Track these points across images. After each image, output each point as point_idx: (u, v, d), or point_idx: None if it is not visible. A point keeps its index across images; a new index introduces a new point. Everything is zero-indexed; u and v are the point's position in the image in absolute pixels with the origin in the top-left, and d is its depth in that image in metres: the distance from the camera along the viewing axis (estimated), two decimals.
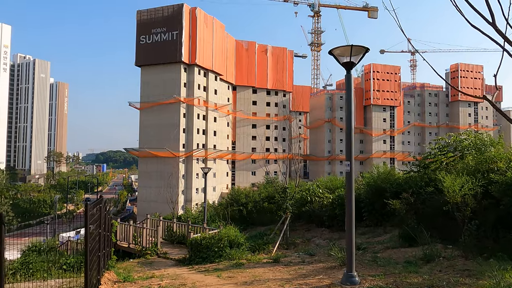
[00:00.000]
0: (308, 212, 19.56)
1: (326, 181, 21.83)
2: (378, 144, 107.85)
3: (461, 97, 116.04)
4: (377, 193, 16.04)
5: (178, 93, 73.05)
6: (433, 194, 13.84)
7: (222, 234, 15.51)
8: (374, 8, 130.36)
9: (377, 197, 16.01)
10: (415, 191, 14.29)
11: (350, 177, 7.11)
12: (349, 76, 7.02)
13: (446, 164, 15.75)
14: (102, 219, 8.67)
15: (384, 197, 15.82)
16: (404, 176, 16.59)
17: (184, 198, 72.77)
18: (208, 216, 23.54)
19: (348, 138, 7.16)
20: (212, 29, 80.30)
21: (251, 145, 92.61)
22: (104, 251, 10.25)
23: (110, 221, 14.33)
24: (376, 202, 16.04)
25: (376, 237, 14.07)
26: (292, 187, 15.91)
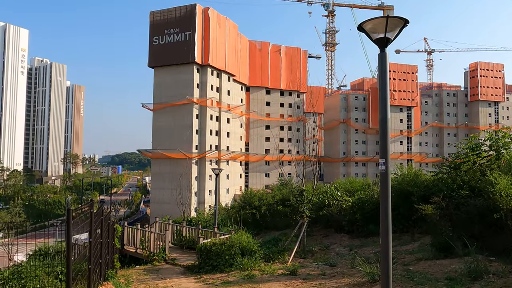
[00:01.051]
0: (326, 217, 18.26)
1: (345, 183, 20.49)
2: (395, 145, 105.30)
3: (481, 97, 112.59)
4: (402, 197, 14.66)
5: (191, 94, 72.38)
6: (468, 198, 12.45)
7: (233, 240, 14.36)
8: (389, 7, 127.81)
9: (403, 201, 14.64)
10: (446, 194, 12.90)
11: (385, 177, 5.86)
12: (384, 56, 5.78)
13: (480, 165, 14.30)
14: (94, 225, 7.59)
15: (411, 201, 14.44)
16: (432, 178, 15.16)
17: (197, 200, 71.98)
18: (220, 219, 22.44)
19: (383, 132, 5.91)
20: (225, 29, 79.50)
21: (264, 146, 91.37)
22: (101, 261, 9.22)
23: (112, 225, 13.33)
24: (402, 206, 14.66)
25: (403, 245, 12.71)
26: (309, 189, 14.66)
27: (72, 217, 6.03)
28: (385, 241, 5.84)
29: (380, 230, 6.01)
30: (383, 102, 5.87)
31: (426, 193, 13.99)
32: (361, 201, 16.91)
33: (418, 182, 14.92)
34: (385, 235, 5.84)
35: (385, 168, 5.83)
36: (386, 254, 5.82)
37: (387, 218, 5.82)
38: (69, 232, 5.56)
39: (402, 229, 14.88)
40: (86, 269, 7.10)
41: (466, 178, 13.46)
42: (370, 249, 12.99)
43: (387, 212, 5.84)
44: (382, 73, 5.87)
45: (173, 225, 20.76)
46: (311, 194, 14.05)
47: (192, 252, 18.34)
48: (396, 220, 15.14)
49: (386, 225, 5.83)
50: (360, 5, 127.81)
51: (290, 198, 22.69)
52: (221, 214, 26.96)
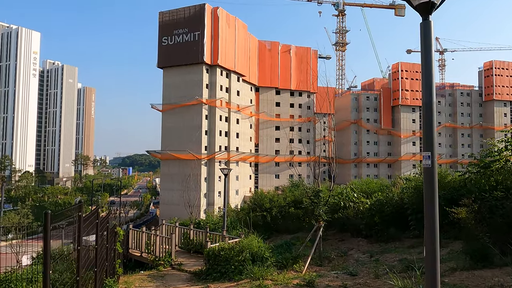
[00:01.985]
0: (342, 220, 17.13)
1: (361, 184, 19.34)
2: (407, 146, 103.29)
3: (496, 96, 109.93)
4: None
5: (200, 94, 71.68)
6: (504, 200, 11.26)
7: (243, 245, 13.34)
8: (401, 6, 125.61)
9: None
10: (478, 196, 11.71)
11: (431, 174, 4.79)
12: (427, 25, 4.71)
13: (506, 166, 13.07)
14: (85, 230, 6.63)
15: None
16: (459, 179, 13.95)
17: (206, 202, 71.17)
18: (229, 222, 21.44)
19: (428, 119, 4.82)
20: (234, 29, 78.70)
21: (274, 147, 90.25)
22: (96, 269, 8.27)
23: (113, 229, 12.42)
24: None
25: None
26: (325, 190, 13.57)
27: (55, 221, 5.07)
28: (431, 252, 4.76)
29: (424, 237, 4.93)
30: (427, 83, 4.77)
31: (454, 195, 12.80)
32: (380, 203, 15.76)
33: (443, 183, 13.70)
34: (431, 244, 4.76)
35: (431, 163, 4.75)
36: (433, 268, 4.74)
37: (433, 224, 4.75)
38: (46, 240, 4.59)
39: None
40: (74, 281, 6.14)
41: (499, 178, 12.27)
42: (392, 256, 11.83)
43: (433, 216, 4.76)
44: (425, 47, 4.79)
45: (180, 228, 19.82)
46: (328, 195, 12.96)
47: (200, 256, 17.37)
48: (419, 223, 13.98)
49: (432, 232, 4.75)
50: (371, 4, 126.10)
51: (303, 200, 21.62)
52: (230, 216, 25.97)
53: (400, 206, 15.18)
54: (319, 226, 12.21)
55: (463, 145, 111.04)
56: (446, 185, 13.52)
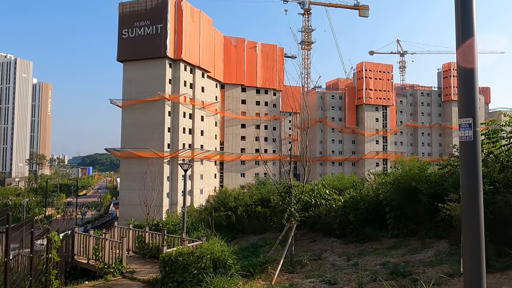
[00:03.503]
0: (313, 218, 15.75)
1: (333, 180, 18.08)
2: (371, 144, 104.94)
3: (454, 97, 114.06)
4: (406, 195, 12.31)
5: (162, 90, 68.81)
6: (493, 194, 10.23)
7: (203, 249, 11.61)
8: (365, 7, 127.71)
9: (407, 200, 12.30)
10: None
11: (473, 148, 3.32)
12: None
13: (495, 156, 12.18)
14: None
15: (417, 199, 12.13)
16: (440, 172, 12.91)
17: (169, 201, 68.53)
18: (190, 223, 19.60)
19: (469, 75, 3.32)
20: (199, 23, 76.33)
21: (240, 145, 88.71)
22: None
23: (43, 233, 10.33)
24: (406, 206, 12.31)
25: (413, 253, 10.30)
26: (298, 186, 12.08)
27: None
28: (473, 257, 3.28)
29: (462, 236, 3.45)
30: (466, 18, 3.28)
31: (438, 190, 11.70)
32: (354, 200, 14.52)
33: (424, 176, 12.59)
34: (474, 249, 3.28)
35: (473, 134, 3.26)
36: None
37: (478, 216, 3.28)
38: None
39: (407, 232, 12.53)
40: None
41: (485, 170, 11.28)
42: (373, 259, 10.53)
43: (478, 205, 3.29)
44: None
45: (134, 231, 17.75)
46: (301, 191, 11.48)
47: (156, 262, 15.42)
48: (399, 222, 12.81)
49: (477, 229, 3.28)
50: (336, 4, 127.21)
51: (270, 198, 20.13)
52: (192, 216, 24.08)
53: (376, 203, 13.99)
54: (291, 227, 10.70)
55: (423, 143, 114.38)
56: (427, 178, 12.41)
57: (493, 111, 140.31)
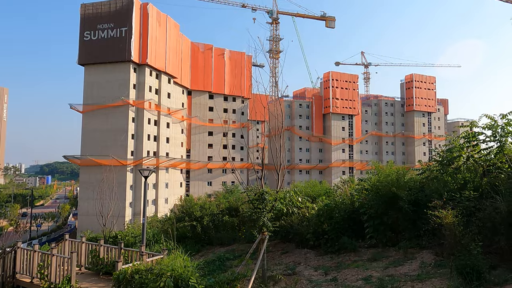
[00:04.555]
0: (285, 228, 14.68)
1: (305, 187, 17.14)
2: (337, 153, 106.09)
3: (416, 107, 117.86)
4: (386, 201, 11.51)
5: (126, 95, 66.16)
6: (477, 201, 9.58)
7: (164, 266, 10.23)
8: (331, 18, 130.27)
9: (387, 207, 11.49)
10: (447, 196, 9.95)
11: None
12: None
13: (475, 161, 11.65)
14: None
15: (397, 206, 11.35)
16: (419, 178, 12.23)
17: (132, 211, 65.58)
18: (151, 235, 18.00)
19: None
20: (165, 27, 74.47)
21: (207, 153, 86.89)
22: None
23: None
24: (386, 214, 11.49)
25: (397, 265, 9.42)
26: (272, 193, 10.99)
27: None
28: None
29: None
30: None
31: (418, 197, 10.96)
32: (329, 208, 13.58)
33: (403, 182, 11.85)
34: None
35: None
36: None
37: None
38: None
39: (386, 242, 11.70)
40: None
41: (468, 175, 10.68)
42: (353, 272, 9.55)
43: None
44: None
45: (87, 244, 15.98)
46: (274, 198, 10.39)
47: (112, 279, 13.84)
48: (378, 231, 11.98)
49: None
50: (304, 15, 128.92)
51: (239, 207, 18.94)
52: (154, 227, 22.42)
53: (352, 211, 13.13)
54: (263, 238, 9.55)
55: (387, 152, 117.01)
56: (406, 184, 11.66)
57: (452, 122, 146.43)
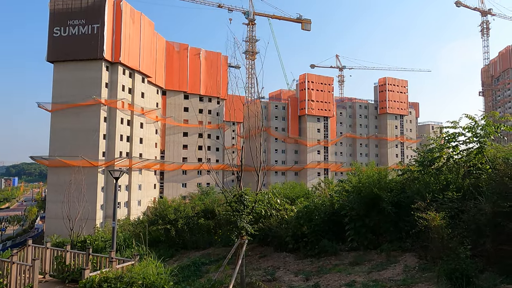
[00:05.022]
0: (263, 231, 14.20)
1: (284, 188, 16.73)
2: (313, 154, 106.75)
3: (389, 110, 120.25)
4: (367, 203, 11.22)
5: (98, 94, 64.13)
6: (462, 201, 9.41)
7: (135, 273, 9.54)
8: (307, 20, 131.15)
9: (368, 209, 11.21)
10: (431, 198, 9.74)
11: None
12: None
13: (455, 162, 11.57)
14: None
15: (379, 208, 11.08)
16: (400, 179, 12.02)
17: (103, 214, 63.56)
18: (122, 239, 17.13)
19: None
20: (139, 25, 72.76)
21: (181, 154, 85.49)
22: None
23: None
24: (367, 216, 11.20)
25: (380, 269, 9.10)
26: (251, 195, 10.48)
27: None
28: None
29: None
30: None
31: (401, 198, 10.72)
32: (309, 210, 13.20)
33: (384, 183, 11.60)
34: None
35: None
36: None
37: None
38: None
39: (367, 245, 11.41)
40: None
41: (450, 176, 10.53)
42: (335, 277, 9.16)
43: None
44: None
45: (53, 250, 14.97)
46: (254, 200, 9.89)
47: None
48: (359, 234, 11.68)
49: None
50: (280, 16, 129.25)
51: (215, 209, 18.33)
52: (126, 231, 21.47)
53: (332, 213, 12.79)
54: (242, 243, 9.02)
55: (361, 154, 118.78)
56: (387, 185, 11.42)
57: (423, 125, 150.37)
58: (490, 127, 10.77)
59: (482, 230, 8.16)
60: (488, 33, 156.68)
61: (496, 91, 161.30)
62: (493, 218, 7.97)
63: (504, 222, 7.75)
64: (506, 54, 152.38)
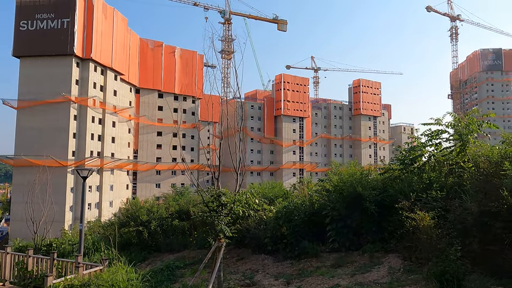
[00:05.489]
0: (241, 232, 13.66)
1: (263, 188, 16.24)
2: (288, 155, 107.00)
3: (363, 111, 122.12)
4: (350, 203, 10.87)
5: (68, 91, 61.78)
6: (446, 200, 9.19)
7: (102, 281, 8.79)
8: (283, 21, 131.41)
9: (351, 208, 10.86)
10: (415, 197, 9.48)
11: None
12: None
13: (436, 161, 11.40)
14: None
15: (362, 207, 10.75)
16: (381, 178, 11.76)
17: (72, 216, 61.28)
18: (91, 242, 16.18)
19: None
20: (112, 21, 70.67)
21: (155, 154, 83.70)
22: None
23: None
24: (349, 216, 10.85)
25: (364, 271, 8.74)
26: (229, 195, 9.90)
27: None
28: None
29: None
30: None
31: (384, 197, 10.43)
32: (288, 211, 12.76)
33: (365, 182, 11.29)
34: None
35: None
36: None
37: None
38: None
39: (349, 246, 11.06)
40: None
41: (433, 175, 10.32)
42: (318, 281, 8.74)
43: None
44: None
45: (13, 255, 13.89)
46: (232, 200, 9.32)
47: None
48: (341, 235, 11.32)
49: None
50: (256, 16, 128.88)
51: (190, 210, 17.64)
52: (96, 233, 20.43)
53: (312, 213, 12.39)
54: (220, 246, 8.45)
55: (335, 154, 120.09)
56: (369, 184, 11.11)
57: (395, 126, 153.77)
58: (473, 125, 10.68)
59: (468, 230, 7.95)
60: (457, 38, 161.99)
61: (464, 94, 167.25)
62: (479, 218, 7.77)
63: (491, 222, 7.56)
64: (473, 58, 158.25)
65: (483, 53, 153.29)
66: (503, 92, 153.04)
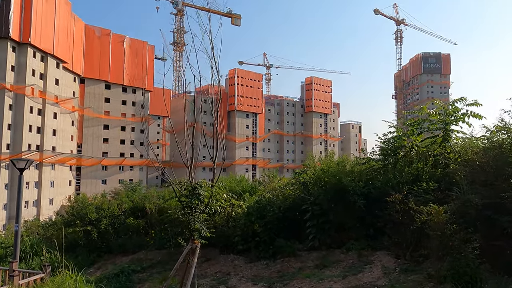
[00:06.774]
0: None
1: (230, 181, 14.99)
2: (241, 150, 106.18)
3: (315, 108, 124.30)
4: (334, 197, 9.97)
5: (2, 78, 56.15)
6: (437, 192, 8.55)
7: None
8: (237, 15, 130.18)
9: (334, 202, 9.97)
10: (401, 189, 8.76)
11: None
12: None
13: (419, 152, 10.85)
14: None
15: (346, 201, 9.89)
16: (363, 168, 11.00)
17: (6, 215, 55.97)
18: (29, 245, 14.02)
19: None
20: (54, 4, 65.22)
21: (102, 148, 78.98)
22: None
23: None
24: (332, 210, 9.95)
25: (355, 272, 7.84)
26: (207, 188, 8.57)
27: None
28: None
29: None
30: None
31: (370, 189, 9.63)
32: (261, 206, 11.65)
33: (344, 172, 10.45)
34: None
35: None
36: None
37: None
38: None
39: (330, 243, 10.17)
40: None
41: (420, 165, 9.70)
42: (303, 284, 7.72)
43: None
44: None
45: None
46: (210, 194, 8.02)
47: None
48: (322, 231, 10.39)
49: None
50: (209, 9, 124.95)
51: (146, 206, 15.97)
52: (35, 234, 18.03)
53: (287, 208, 11.37)
54: (194, 249, 7.14)
55: (288, 151, 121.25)
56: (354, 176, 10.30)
57: (344, 123, 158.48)
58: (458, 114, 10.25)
59: (470, 224, 7.34)
60: (402, 41, 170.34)
61: (407, 95, 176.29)
62: (483, 211, 7.18)
63: (495, 216, 6.98)
64: (416, 61, 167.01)
65: (424, 56, 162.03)
66: (441, 94, 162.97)
